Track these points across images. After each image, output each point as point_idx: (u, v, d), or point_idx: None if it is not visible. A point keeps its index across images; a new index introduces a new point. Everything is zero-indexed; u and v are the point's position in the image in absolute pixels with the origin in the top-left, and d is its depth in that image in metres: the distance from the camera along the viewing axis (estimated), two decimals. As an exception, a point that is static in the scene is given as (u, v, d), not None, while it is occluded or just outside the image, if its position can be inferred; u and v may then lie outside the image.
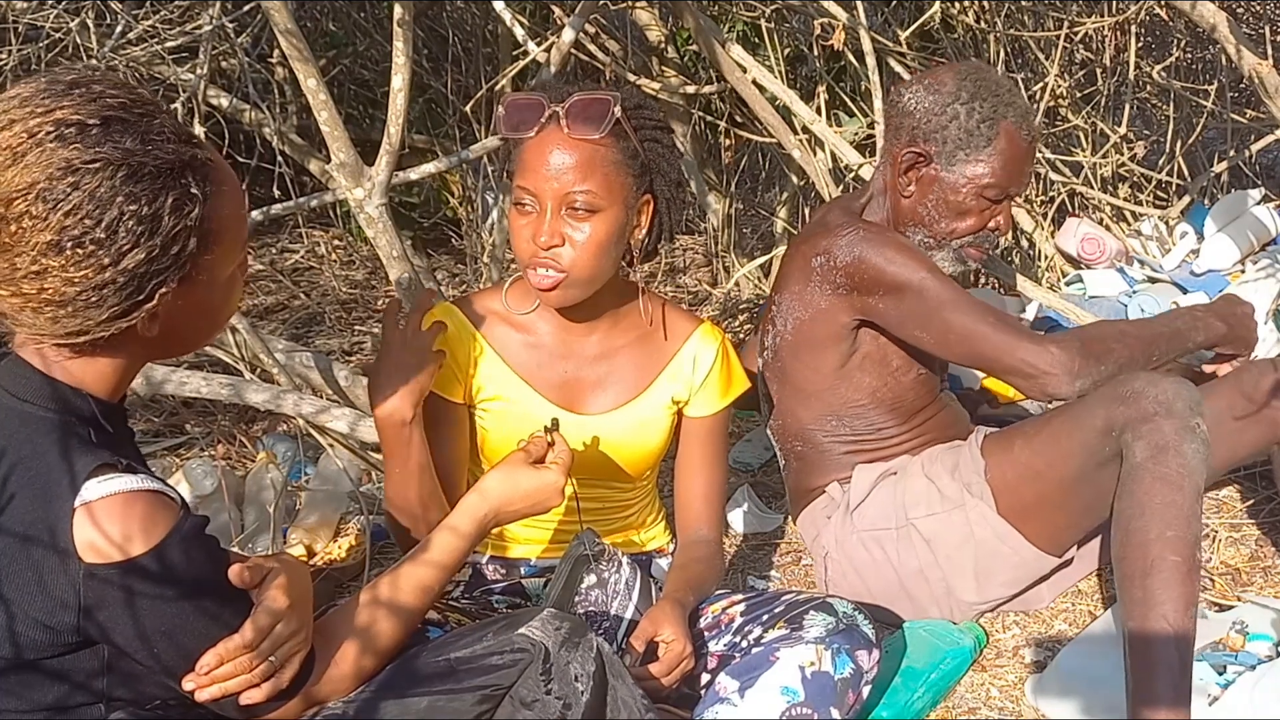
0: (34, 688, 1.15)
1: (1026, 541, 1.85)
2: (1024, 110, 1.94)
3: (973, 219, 1.95)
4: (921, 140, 1.94)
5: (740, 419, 2.89)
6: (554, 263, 1.54)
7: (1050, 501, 1.81)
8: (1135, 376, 1.70)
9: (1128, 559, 1.61)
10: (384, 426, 1.55)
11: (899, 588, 1.94)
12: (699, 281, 4.02)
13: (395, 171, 2.52)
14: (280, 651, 1.19)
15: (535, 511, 1.48)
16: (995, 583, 1.90)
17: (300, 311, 3.85)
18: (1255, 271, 2.85)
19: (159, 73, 2.73)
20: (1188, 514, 1.59)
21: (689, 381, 1.72)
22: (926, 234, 1.98)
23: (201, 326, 1.26)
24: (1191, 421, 1.63)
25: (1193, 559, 1.58)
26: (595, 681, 1.26)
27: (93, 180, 1.08)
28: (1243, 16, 4.35)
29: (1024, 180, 1.97)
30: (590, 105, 1.53)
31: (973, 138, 1.90)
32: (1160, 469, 1.61)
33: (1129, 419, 1.65)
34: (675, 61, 3.69)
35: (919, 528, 1.90)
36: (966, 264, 2.01)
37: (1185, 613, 1.55)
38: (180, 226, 1.12)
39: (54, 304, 1.10)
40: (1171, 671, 1.53)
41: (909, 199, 1.97)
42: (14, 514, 1.11)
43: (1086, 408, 1.73)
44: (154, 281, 1.13)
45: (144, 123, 1.12)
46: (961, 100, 1.91)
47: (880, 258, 1.85)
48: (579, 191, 1.52)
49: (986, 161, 1.91)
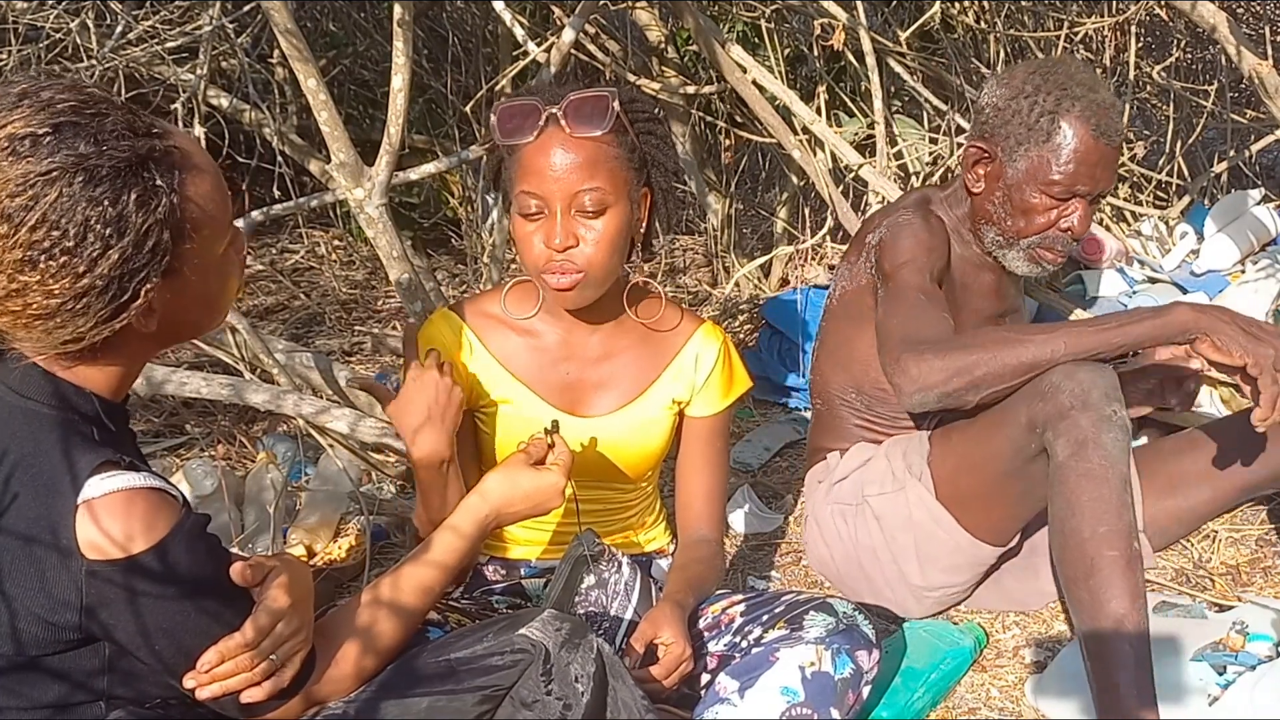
0: (34, 686, 1.15)
1: (961, 528, 1.86)
2: (1096, 104, 1.87)
3: (1040, 217, 1.91)
4: (988, 136, 1.93)
5: (740, 419, 2.89)
6: (570, 264, 1.54)
7: (986, 492, 1.83)
8: (1053, 370, 1.68)
9: (1067, 562, 1.61)
10: (425, 468, 1.54)
11: (858, 564, 1.99)
12: (699, 281, 4.02)
13: (395, 171, 2.52)
14: (281, 651, 1.19)
15: (536, 513, 1.48)
16: (937, 568, 1.92)
17: (300, 312, 3.85)
18: (1255, 271, 2.85)
19: (159, 73, 2.73)
20: (1117, 505, 1.59)
21: (690, 382, 1.72)
22: (997, 232, 1.96)
23: (202, 314, 1.25)
24: (1107, 410, 1.62)
25: (1130, 550, 1.57)
26: (595, 682, 1.26)
27: (52, 191, 1.07)
28: (1243, 16, 4.35)
29: (1097, 179, 1.89)
30: (590, 103, 1.52)
31: (1033, 132, 1.87)
32: (1083, 465, 1.61)
33: (1048, 416, 1.65)
34: (675, 61, 3.69)
35: (871, 505, 1.95)
36: (1042, 265, 1.97)
37: (1133, 606, 1.55)
38: (150, 221, 1.11)
39: (40, 318, 1.10)
40: (1129, 670, 1.53)
41: (978, 195, 1.97)
42: (17, 511, 1.12)
43: (1012, 404, 1.72)
44: (135, 280, 1.12)
45: (95, 123, 1.11)
46: (1025, 94, 1.88)
47: (891, 243, 1.89)
48: (587, 190, 1.51)
49: (1048, 156, 1.87)
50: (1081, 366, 1.66)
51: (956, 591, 1.98)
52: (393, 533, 2.36)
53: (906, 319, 1.79)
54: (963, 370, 1.66)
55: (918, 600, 1.96)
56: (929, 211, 1.99)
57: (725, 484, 1.79)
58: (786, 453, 2.75)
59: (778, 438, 2.78)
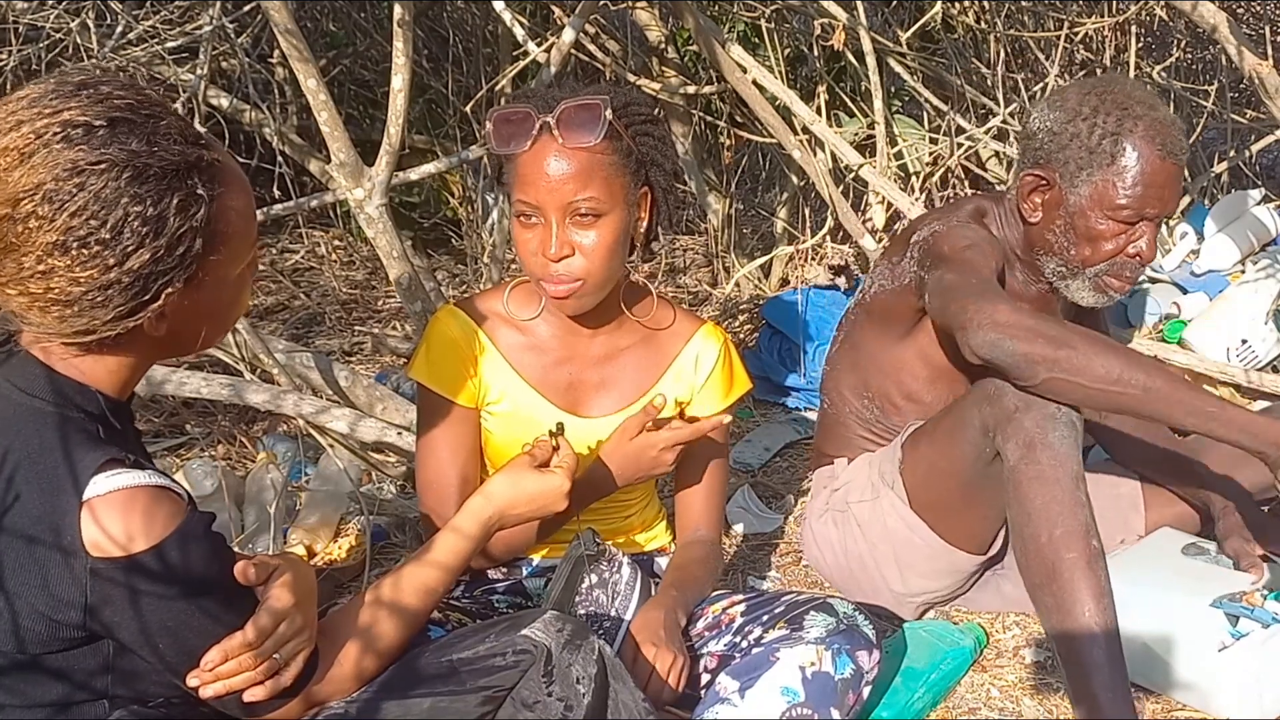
0: (36, 685, 1.15)
1: (936, 535, 1.86)
2: (1158, 122, 1.78)
3: (1107, 244, 1.81)
4: (1044, 162, 1.83)
5: (741, 419, 2.89)
6: (567, 273, 1.54)
7: (956, 500, 1.82)
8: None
9: (1029, 569, 1.60)
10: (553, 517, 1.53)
11: (848, 570, 2.00)
12: (699, 281, 4.02)
13: (395, 171, 2.52)
14: (284, 650, 1.19)
15: (539, 515, 1.48)
16: (916, 574, 1.92)
17: (300, 311, 3.84)
18: (1255, 271, 2.86)
19: (159, 73, 2.73)
20: (1070, 505, 1.57)
21: (691, 382, 1.72)
22: (1059, 262, 1.86)
23: (209, 327, 1.26)
24: (1050, 408, 1.60)
25: (1089, 549, 1.56)
26: (597, 683, 1.26)
27: (98, 181, 1.09)
28: (1243, 17, 4.35)
29: (1164, 200, 1.79)
30: (581, 112, 1.51)
31: (1095, 155, 1.78)
32: (1032, 469, 1.59)
33: (996, 420, 1.64)
34: (675, 61, 3.69)
35: (854, 513, 1.96)
36: (1109, 294, 1.87)
37: (1099, 605, 1.54)
38: (186, 227, 1.13)
39: (60, 303, 1.11)
40: (1102, 672, 1.52)
41: (1036, 225, 1.87)
42: (20, 509, 1.12)
43: (964, 409, 1.72)
44: (160, 282, 1.13)
45: (150, 124, 1.13)
46: (1083, 116, 1.79)
47: (949, 233, 1.82)
48: (582, 200, 1.51)
49: (1113, 180, 1.77)
50: None
51: (941, 596, 1.98)
52: (393, 533, 2.36)
53: (985, 283, 1.69)
54: (1052, 340, 1.54)
55: (899, 605, 1.98)
56: (985, 224, 1.91)
57: (725, 484, 1.80)
58: (786, 453, 2.75)
59: (778, 438, 2.78)
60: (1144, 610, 1.74)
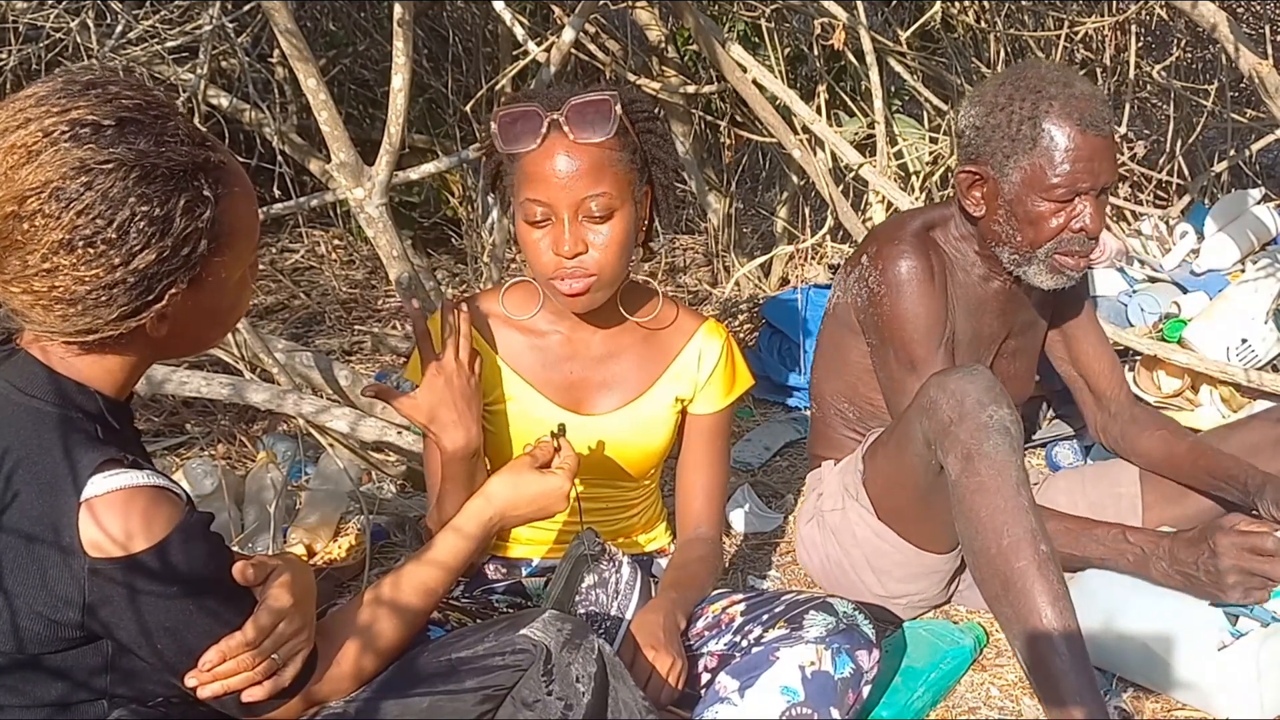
0: (36, 684, 1.15)
1: (905, 541, 1.88)
2: (1074, 98, 1.81)
3: (1049, 224, 1.84)
4: (975, 158, 1.88)
5: (741, 419, 2.89)
6: (581, 270, 1.53)
7: (917, 507, 1.83)
8: (929, 383, 1.67)
9: (984, 581, 1.60)
10: (458, 460, 1.52)
11: (832, 574, 2.01)
12: (699, 281, 4.02)
13: (395, 171, 2.53)
14: (282, 650, 1.19)
15: (540, 516, 1.48)
16: (893, 579, 1.94)
17: (300, 311, 3.84)
18: (1255, 271, 2.85)
19: (159, 73, 2.73)
20: (1014, 512, 1.57)
21: (693, 379, 1.72)
22: (1011, 250, 1.90)
23: (210, 328, 1.27)
24: (983, 416, 1.60)
25: (1038, 553, 1.55)
26: (596, 683, 1.26)
27: (106, 180, 1.09)
28: (1243, 16, 4.35)
29: (1096, 172, 1.82)
30: (592, 108, 1.51)
31: (1017, 143, 1.82)
32: (973, 480, 1.59)
33: (935, 433, 1.65)
34: (675, 61, 3.69)
35: (828, 521, 1.98)
36: (1065, 273, 1.89)
37: (1056, 607, 1.53)
38: (191, 228, 1.13)
39: (64, 302, 1.11)
40: (1067, 676, 1.51)
41: (983, 219, 1.91)
42: (19, 509, 1.12)
43: (908, 422, 1.73)
44: (164, 282, 1.14)
45: (158, 125, 1.13)
46: (1000, 106, 1.83)
47: (892, 307, 1.87)
48: (594, 196, 1.51)
49: (1039, 163, 1.81)
50: (953, 373, 1.66)
51: (925, 598, 1.98)
52: (393, 532, 2.36)
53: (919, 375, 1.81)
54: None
55: (885, 608, 1.98)
56: (929, 246, 1.93)
57: (725, 482, 1.79)
58: (786, 452, 2.75)
59: (778, 437, 2.78)
60: (1144, 610, 1.74)
